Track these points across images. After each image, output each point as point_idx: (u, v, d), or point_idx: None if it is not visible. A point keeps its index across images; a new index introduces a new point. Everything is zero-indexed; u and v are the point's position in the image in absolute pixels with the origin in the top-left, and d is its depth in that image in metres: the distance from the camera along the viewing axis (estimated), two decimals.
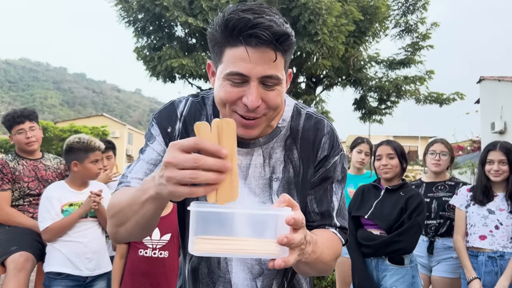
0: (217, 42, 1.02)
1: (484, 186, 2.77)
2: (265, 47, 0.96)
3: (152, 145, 1.16)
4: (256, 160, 1.14)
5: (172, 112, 1.18)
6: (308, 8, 8.46)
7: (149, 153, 1.15)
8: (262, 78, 0.99)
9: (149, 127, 1.19)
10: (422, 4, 10.56)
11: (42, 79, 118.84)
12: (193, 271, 1.19)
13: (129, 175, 1.13)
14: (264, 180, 1.14)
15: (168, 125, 1.16)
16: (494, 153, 2.76)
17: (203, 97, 1.21)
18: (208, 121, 1.09)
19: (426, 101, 10.90)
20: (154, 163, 1.14)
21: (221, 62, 1.02)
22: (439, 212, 3.08)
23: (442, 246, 3.07)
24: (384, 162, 2.80)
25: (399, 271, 2.61)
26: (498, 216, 2.69)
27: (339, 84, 11.26)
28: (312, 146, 1.17)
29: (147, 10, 8.79)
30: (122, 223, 1.00)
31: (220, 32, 0.99)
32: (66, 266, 2.57)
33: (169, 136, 1.15)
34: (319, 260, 0.98)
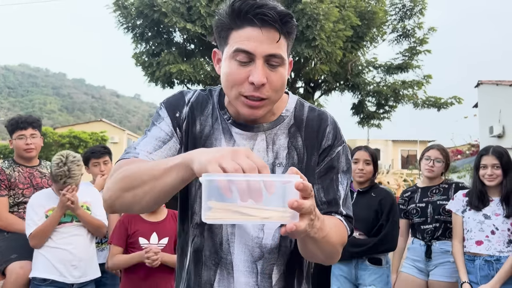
0: (223, 27, 1.07)
1: (479, 191, 2.79)
2: (269, 27, 1.02)
3: (160, 125, 1.17)
4: (259, 144, 1.16)
5: (180, 98, 1.21)
6: (306, 13, 8.52)
7: (156, 131, 1.16)
8: (267, 57, 1.03)
9: (157, 111, 1.22)
10: (419, 9, 10.66)
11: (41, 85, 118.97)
12: (196, 253, 1.17)
13: (137, 147, 1.13)
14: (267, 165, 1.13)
15: (176, 110, 1.18)
16: (487, 157, 2.77)
17: (210, 90, 1.25)
18: (214, 110, 1.19)
19: (424, 105, 10.97)
20: (162, 140, 1.14)
21: (226, 45, 1.06)
22: (434, 216, 3.09)
23: (440, 250, 3.07)
24: (361, 167, 2.94)
25: (377, 271, 2.80)
26: (494, 221, 2.70)
27: (337, 89, 11.32)
28: (317, 134, 1.19)
29: (145, 16, 8.85)
30: (133, 187, 1.00)
31: (227, 16, 1.05)
32: (51, 273, 2.56)
33: (177, 120, 1.17)
34: (326, 240, 1.00)
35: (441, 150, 3.26)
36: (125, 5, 9.19)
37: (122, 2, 9.21)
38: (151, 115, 1.30)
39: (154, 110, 1.27)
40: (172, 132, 1.16)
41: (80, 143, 26.55)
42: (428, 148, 3.32)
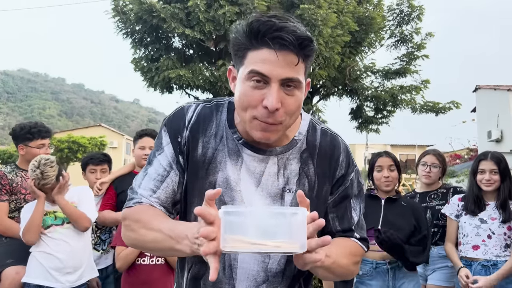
0: (240, 46, 1.04)
1: (476, 196, 2.79)
2: (288, 50, 0.98)
3: (160, 157, 1.15)
4: (270, 168, 1.13)
5: (181, 119, 1.16)
6: (304, 19, 8.55)
7: (155, 166, 1.14)
8: (283, 80, 1.00)
9: (160, 135, 1.18)
10: (416, 14, 10.70)
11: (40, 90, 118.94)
12: (193, 281, 1.15)
13: (139, 191, 1.14)
14: (277, 190, 1.13)
15: (177, 134, 1.15)
16: (485, 162, 2.78)
17: (217, 104, 1.18)
18: (219, 128, 1.14)
19: (422, 110, 10.98)
20: (160, 179, 1.13)
21: (242, 65, 1.04)
22: (433, 221, 3.10)
23: (437, 254, 3.08)
24: (386, 174, 2.78)
25: (414, 277, 2.70)
26: (490, 226, 2.71)
27: (335, 94, 11.33)
28: (329, 163, 1.16)
29: (144, 21, 8.88)
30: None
31: (245, 36, 1.01)
32: (46, 278, 2.56)
33: (179, 146, 1.15)
34: (336, 265, 1.05)
35: (437, 155, 3.26)
36: (124, 11, 9.22)
37: (121, 8, 9.24)
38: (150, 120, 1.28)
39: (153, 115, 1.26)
40: (170, 165, 1.14)
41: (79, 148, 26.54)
42: (424, 154, 3.33)
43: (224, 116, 1.15)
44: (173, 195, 1.14)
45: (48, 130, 3.16)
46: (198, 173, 1.13)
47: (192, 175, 1.14)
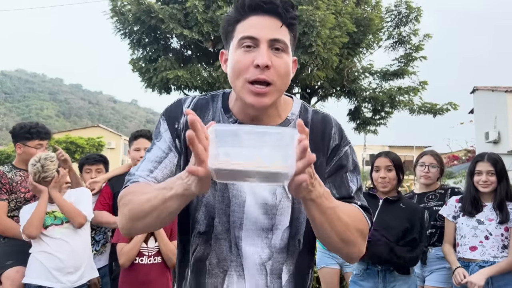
0: (230, 22, 1.12)
1: (473, 197, 2.80)
2: (271, 15, 1.08)
3: (159, 143, 1.20)
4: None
5: (178, 107, 1.22)
6: (302, 20, 8.56)
7: (154, 151, 1.19)
8: (271, 41, 1.06)
9: (158, 125, 1.24)
10: (414, 16, 10.73)
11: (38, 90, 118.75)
12: (198, 262, 1.16)
13: (136, 172, 1.16)
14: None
15: (175, 120, 1.20)
16: (482, 164, 2.79)
17: (213, 95, 1.25)
18: (216, 115, 1.19)
19: (420, 111, 11.01)
20: (158, 160, 1.17)
21: (232, 38, 1.11)
22: (431, 222, 3.10)
23: (435, 256, 3.08)
24: (383, 175, 2.76)
25: (407, 280, 2.64)
26: (488, 227, 2.71)
27: (333, 95, 11.36)
28: (322, 137, 1.20)
29: (142, 22, 8.88)
30: (140, 218, 1.05)
31: (234, 11, 1.12)
32: (47, 279, 2.56)
33: (176, 131, 1.20)
34: (336, 214, 0.99)
35: (435, 155, 3.27)
36: (122, 11, 9.22)
37: (119, 9, 9.24)
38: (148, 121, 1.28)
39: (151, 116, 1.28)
40: (169, 148, 1.18)
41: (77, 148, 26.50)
42: (422, 155, 3.34)
43: (220, 104, 1.21)
44: (170, 175, 1.13)
45: (47, 131, 3.16)
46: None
47: (187, 157, 1.16)
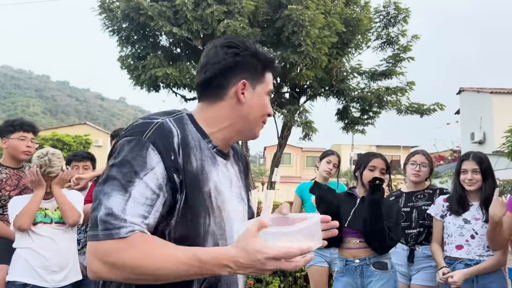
0: (260, 65, 1.28)
1: (459, 196, 2.83)
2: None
3: (146, 178, 1.06)
4: (231, 170, 1.31)
5: (168, 136, 1.13)
6: (291, 19, 8.58)
7: (141, 189, 1.05)
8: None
9: (141, 153, 1.08)
10: (403, 17, 10.81)
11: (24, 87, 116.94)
12: None
13: (128, 218, 1.02)
14: (239, 188, 1.33)
15: (171, 151, 1.11)
16: (467, 162, 2.83)
17: (179, 117, 1.22)
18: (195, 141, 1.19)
19: (407, 111, 11.11)
20: (150, 203, 1.06)
21: (262, 82, 1.29)
22: (419, 221, 3.13)
23: (422, 254, 3.11)
24: (377, 176, 2.79)
25: (384, 276, 2.68)
26: (474, 226, 2.75)
27: (322, 95, 11.39)
28: (242, 159, 1.43)
29: (131, 19, 8.80)
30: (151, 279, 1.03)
31: (264, 59, 1.28)
32: (32, 277, 2.53)
33: (174, 164, 1.10)
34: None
35: (426, 155, 3.32)
36: (110, 8, 9.13)
37: (108, 5, 9.15)
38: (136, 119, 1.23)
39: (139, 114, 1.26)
40: (161, 187, 1.08)
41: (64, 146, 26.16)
42: (414, 153, 3.37)
43: (193, 128, 1.22)
44: (159, 217, 1.10)
45: (31, 124, 3.13)
46: (197, 185, 1.15)
47: (191, 189, 1.13)
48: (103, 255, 1.00)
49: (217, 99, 1.24)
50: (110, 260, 1.00)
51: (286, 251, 0.97)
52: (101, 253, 1.00)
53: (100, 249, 1.00)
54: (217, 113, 1.24)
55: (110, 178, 1.06)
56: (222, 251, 1.01)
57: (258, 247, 0.97)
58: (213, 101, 1.25)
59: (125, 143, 1.10)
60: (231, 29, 8.37)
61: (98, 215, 1.02)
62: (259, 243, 0.97)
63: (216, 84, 1.23)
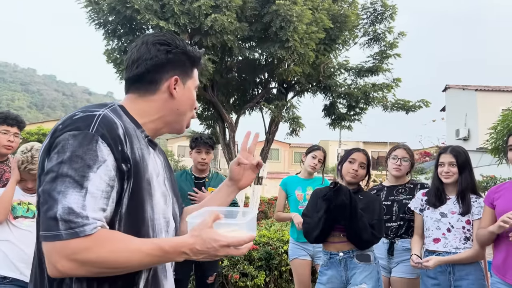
0: (190, 61, 1.36)
1: (437, 189, 2.89)
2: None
3: (100, 171, 1.07)
4: (157, 159, 1.35)
5: (114, 128, 1.15)
6: (279, 15, 8.58)
7: (96, 183, 1.06)
8: None
9: (91, 146, 1.07)
10: (389, 14, 10.88)
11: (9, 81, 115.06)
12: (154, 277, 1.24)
13: (90, 215, 1.03)
14: (163, 178, 1.36)
15: (118, 143, 1.13)
16: (444, 155, 2.89)
17: (112, 109, 1.24)
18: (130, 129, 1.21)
19: (393, 108, 11.20)
20: (106, 196, 1.08)
21: (191, 78, 1.37)
22: (399, 215, 3.18)
23: (402, 248, 3.16)
24: (356, 168, 2.88)
25: (367, 268, 2.73)
26: (450, 219, 2.81)
27: (309, 91, 11.43)
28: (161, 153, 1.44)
29: (117, 12, 8.71)
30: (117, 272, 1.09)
31: (193, 56, 1.36)
32: (11, 270, 2.51)
33: (123, 153, 1.13)
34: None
35: (408, 149, 3.36)
36: (96, 1, 9.01)
37: None
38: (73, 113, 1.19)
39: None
40: (114, 178, 1.10)
41: None
42: (395, 148, 3.40)
43: (127, 118, 1.25)
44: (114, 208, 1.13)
45: (16, 118, 3.10)
46: (141, 173, 1.19)
47: (137, 177, 1.16)
48: (71, 254, 1.01)
49: (148, 93, 1.30)
50: (79, 258, 1.01)
51: (237, 239, 1.10)
52: (68, 252, 1.00)
53: (67, 248, 1.00)
54: (149, 105, 1.30)
55: (62, 175, 1.03)
56: (182, 240, 1.11)
57: (214, 236, 1.09)
58: (144, 94, 1.30)
59: (70, 137, 1.07)
60: (218, 23, 8.35)
61: (56, 214, 1.00)
62: (214, 232, 1.09)
63: (148, 79, 1.29)
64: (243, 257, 5.00)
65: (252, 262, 5.02)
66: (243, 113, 11.49)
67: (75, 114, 1.14)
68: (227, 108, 11.08)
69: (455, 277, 2.72)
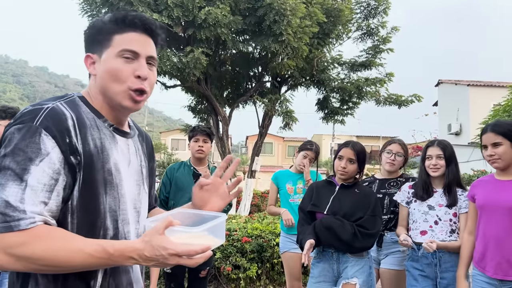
0: (104, 32, 1.22)
1: (424, 182, 2.94)
2: (148, 34, 1.25)
3: (42, 164, 1.05)
4: (131, 149, 1.33)
5: (61, 119, 1.12)
6: (273, 8, 8.57)
7: (38, 176, 1.04)
8: (148, 58, 1.24)
9: (33, 139, 1.05)
10: (383, 8, 10.91)
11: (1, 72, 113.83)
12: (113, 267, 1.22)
13: (27, 208, 1.01)
14: (138, 166, 1.35)
15: (66, 135, 1.10)
16: (432, 148, 2.93)
17: (71, 100, 1.21)
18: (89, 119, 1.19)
19: (386, 102, 11.27)
20: (49, 189, 1.06)
21: (108, 47, 1.21)
22: (390, 208, 3.22)
23: (390, 240, 3.21)
24: (343, 165, 2.84)
25: (359, 262, 2.75)
26: (438, 212, 2.86)
27: (303, 85, 11.46)
28: (147, 144, 1.46)
29: (111, 4, 8.65)
30: (61, 270, 1.06)
31: (111, 23, 1.22)
32: None
33: (70, 145, 1.10)
34: None
35: (402, 144, 3.38)
36: None
37: None
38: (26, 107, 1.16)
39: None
40: (59, 171, 1.08)
41: None
42: (390, 142, 3.42)
43: (86, 108, 1.22)
44: (61, 201, 1.10)
45: (7, 111, 3.06)
46: (96, 165, 1.15)
47: (90, 169, 1.14)
48: (6, 247, 1.00)
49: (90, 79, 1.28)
50: (14, 253, 1.00)
51: (188, 249, 1.03)
52: (3, 245, 0.99)
53: (1, 241, 0.99)
54: (92, 92, 1.26)
55: (3, 168, 1.03)
56: (129, 244, 1.06)
57: (163, 243, 1.02)
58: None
59: (15, 131, 1.07)
60: (212, 16, 8.33)
61: None
62: (164, 240, 1.03)
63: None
64: (236, 249, 5.05)
65: (244, 254, 5.08)
66: (237, 107, 11.50)
67: (26, 108, 1.14)
68: (220, 101, 11.08)
69: (441, 269, 2.78)
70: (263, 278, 5.13)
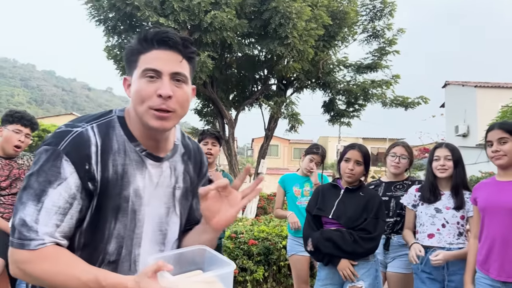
0: (133, 53, 1.21)
1: (431, 184, 2.92)
2: (173, 50, 1.19)
3: (60, 188, 1.10)
4: (166, 171, 1.30)
5: (84, 144, 1.14)
6: (278, 11, 8.60)
7: (54, 198, 1.10)
8: (172, 74, 1.18)
9: (55, 163, 1.11)
10: (389, 10, 10.90)
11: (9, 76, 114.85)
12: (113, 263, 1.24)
13: (38, 228, 1.08)
14: (170, 188, 1.32)
15: (85, 162, 1.13)
16: (440, 150, 2.93)
17: (108, 121, 1.23)
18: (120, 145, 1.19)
19: (392, 104, 11.25)
20: (63, 212, 1.11)
21: (136, 68, 1.20)
22: (396, 211, 3.21)
23: (398, 243, 3.20)
24: (351, 167, 2.83)
25: (365, 265, 2.74)
26: (445, 215, 2.85)
27: (308, 87, 11.47)
28: (200, 163, 1.43)
29: (118, 9, 8.73)
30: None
31: (137, 43, 1.21)
32: None
33: (89, 173, 1.13)
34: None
35: (406, 147, 3.37)
36: None
37: None
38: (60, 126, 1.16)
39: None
40: (74, 196, 1.12)
41: None
42: (394, 145, 3.41)
43: (120, 131, 1.22)
44: (75, 223, 1.15)
45: (31, 120, 3.14)
46: (112, 191, 1.17)
47: (104, 196, 1.16)
48: (16, 262, 1.10)
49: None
50: (22, 268, 1.09)
51: None
52: (15, 260, 1.10)
53: (15, 255, 1.09)
54: (130, 113, 1.24)
55: (28, 186, 1.11)
56: (123, 280, 1.07)
57: (150, 287, 1.02)
58: None
59: (44, 151, 1.13)
60: (218, 20, 8.37)
61: (14, 223, 1.10)
62: (152, 284, 1.02)
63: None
64: (242, 252, 5.06)
65: (251, 257, 5.09)
66: (243, 110, 11.53)
67: (59, 128, 1.18)
68: (226, 104, 11.12)
69: (448, 272, 2.77)
70: (269, 281, 5.13)
